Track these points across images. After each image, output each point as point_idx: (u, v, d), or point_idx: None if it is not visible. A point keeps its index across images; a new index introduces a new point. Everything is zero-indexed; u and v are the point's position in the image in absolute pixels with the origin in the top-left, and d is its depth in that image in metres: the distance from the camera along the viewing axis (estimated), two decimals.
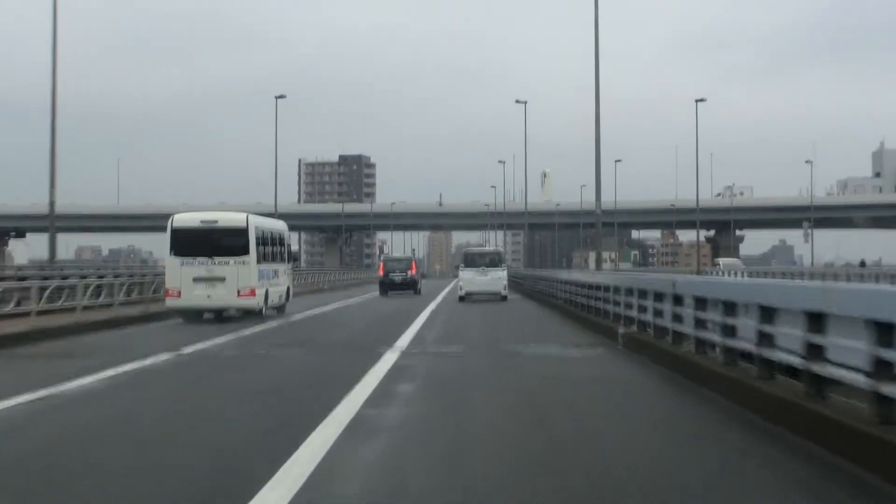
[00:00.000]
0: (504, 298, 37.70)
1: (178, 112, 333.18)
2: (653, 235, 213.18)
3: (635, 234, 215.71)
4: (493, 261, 39.49)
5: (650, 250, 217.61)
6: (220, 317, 25.82)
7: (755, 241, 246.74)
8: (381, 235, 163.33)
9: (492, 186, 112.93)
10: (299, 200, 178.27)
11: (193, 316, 25.39)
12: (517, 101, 63.48)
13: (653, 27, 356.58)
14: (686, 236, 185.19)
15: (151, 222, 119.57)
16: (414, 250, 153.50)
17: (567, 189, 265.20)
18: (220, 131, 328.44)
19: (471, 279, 38.11)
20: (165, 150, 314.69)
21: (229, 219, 26.23)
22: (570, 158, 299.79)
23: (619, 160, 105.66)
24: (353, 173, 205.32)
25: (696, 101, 71.97)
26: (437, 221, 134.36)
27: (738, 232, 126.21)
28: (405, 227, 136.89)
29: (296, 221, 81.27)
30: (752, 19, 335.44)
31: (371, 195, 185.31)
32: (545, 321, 25.86)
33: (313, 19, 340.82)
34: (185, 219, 25.99)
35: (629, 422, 9.05)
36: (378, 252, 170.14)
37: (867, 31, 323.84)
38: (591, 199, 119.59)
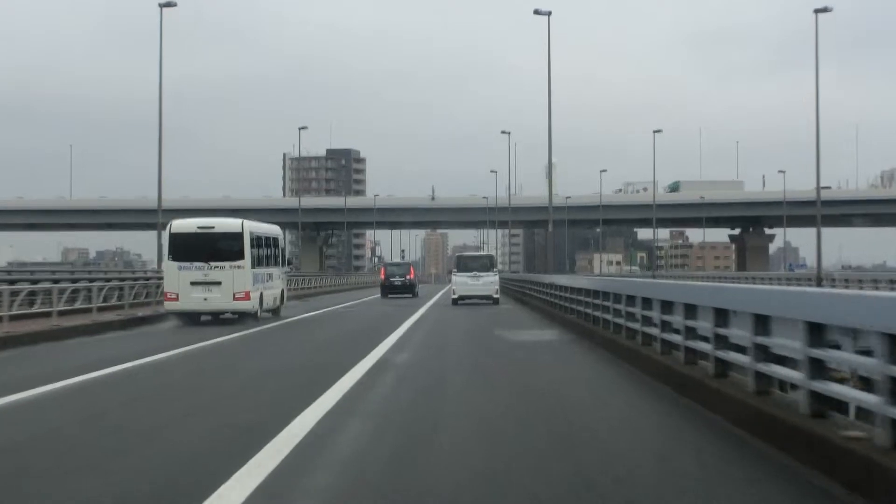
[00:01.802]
0: (496, 302, 40.82)
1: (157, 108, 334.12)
2: (659, 236, 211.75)
3: (641, 234, 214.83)
4: (485, 265, 42.55)
5: (658, 252, 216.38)
6: (217, 319, 27.96)
7: None
8: (374, 236, 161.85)
9: (492, 171, 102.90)
10: (284, 196, 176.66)
11: (191, 318, 27.36)
12: (536, 12, 52.11)
13: (654, 23, 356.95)
14: (697, 236, 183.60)
15: (107, 218, 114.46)
16: (403, 251, 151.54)
17: (573, 184, 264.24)
18: (197, 128, 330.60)
19: (463, 283, 41.58)
20: (146, 148, 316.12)
21: (225, 224, 28.29)
22: (576, 152, 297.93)
23: (658, 130, 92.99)
24: (341, 169, 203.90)
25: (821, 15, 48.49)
26: (428, 218, 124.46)
27: (766, 230, 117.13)
28: (392, 225, 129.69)
29: (267, 218, 74.10)
30: (756, 17, 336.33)
31: (361, 193, 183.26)
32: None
33: (307, 18, 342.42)
34: (182, 224, 27.82)
35: None
36: (370, 254, 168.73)
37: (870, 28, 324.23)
38: (610, 193, 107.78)
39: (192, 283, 26.84)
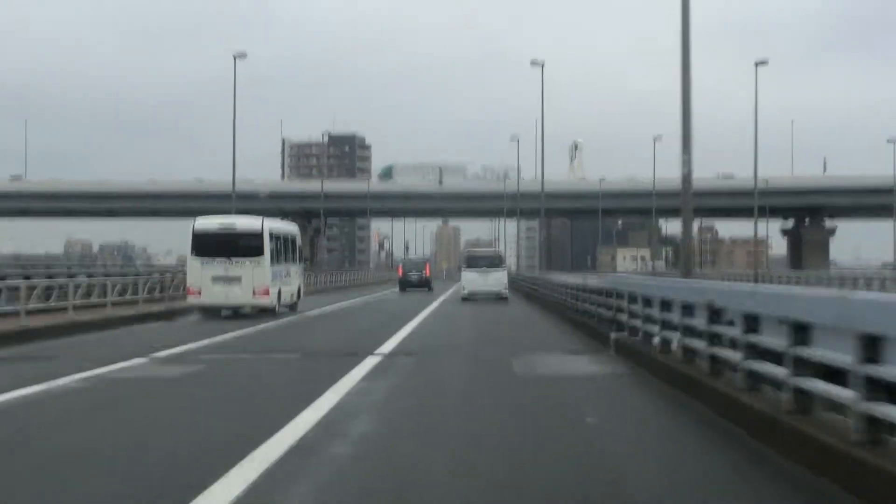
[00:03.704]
0: (504, 298, 43.61)
1: (161, 98, 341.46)
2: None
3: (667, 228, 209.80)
4: (494, 262, 45.92)
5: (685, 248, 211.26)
6: (237, 314, 30.68)
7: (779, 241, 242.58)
8: (381, 227, 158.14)
9: (512, 140, 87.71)
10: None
11: (212, 313, 30.27)
12: None
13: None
14: (729, 230, 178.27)
15: (62, 203, 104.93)
16: (407, 243, 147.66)
17: (601, 168, 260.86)
18: (205, 122, 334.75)
19: (473, 280, 44.93)
20: (147, 137, 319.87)
21: (245, 223, 31.12)
22: (586, 148, 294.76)
23: (763, 62, 66.36)
24: (344, 155, 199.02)
25: None
26: (436, 205, 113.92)
27: (827, 222, 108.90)
28: (393, 213, 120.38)
29: (252, 205, 68.54)
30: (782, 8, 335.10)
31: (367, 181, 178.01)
32: None
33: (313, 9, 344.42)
34: (205, 223, 30.67)
35: None
36: (378, 248, 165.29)
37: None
38: (660, 173, 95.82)
39: (214, 279, 29.64)
